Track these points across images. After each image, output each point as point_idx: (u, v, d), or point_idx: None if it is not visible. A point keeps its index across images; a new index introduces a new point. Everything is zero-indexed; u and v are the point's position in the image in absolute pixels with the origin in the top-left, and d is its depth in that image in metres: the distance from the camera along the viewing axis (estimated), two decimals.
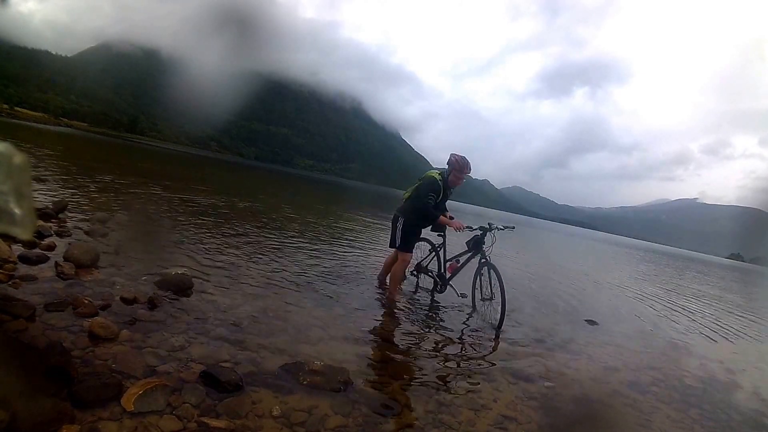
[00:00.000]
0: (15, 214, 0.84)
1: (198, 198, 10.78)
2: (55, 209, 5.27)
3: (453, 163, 4.71)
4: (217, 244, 5.71)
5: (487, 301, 4.75)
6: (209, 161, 57.41)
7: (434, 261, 5.33)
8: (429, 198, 4.67)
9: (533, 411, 2.85)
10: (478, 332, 4.30)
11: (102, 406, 1.93)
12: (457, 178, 4.76)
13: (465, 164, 4.70)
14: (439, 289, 5.19)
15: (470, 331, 4.28)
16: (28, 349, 2.18)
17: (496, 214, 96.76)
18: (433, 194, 4.68)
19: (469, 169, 4.74)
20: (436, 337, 3.94)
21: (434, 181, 4.71)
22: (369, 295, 4.75)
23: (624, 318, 6.63)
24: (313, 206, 16.49)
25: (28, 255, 3.48)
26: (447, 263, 5.13)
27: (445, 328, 4.22)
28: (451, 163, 4.72)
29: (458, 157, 4.70)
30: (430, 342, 3.77)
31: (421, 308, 4.77)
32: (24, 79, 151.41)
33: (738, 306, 11.37)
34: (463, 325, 4.46)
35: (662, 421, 3.11)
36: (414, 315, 4.44)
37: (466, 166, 4.71)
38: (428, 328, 4.13)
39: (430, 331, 4.08)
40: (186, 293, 3.54)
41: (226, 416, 2.08)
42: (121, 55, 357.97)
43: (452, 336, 4.04)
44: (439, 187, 4.71)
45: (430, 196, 4.67)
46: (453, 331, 4.17)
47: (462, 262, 5.06)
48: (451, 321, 4.49)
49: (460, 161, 4.68)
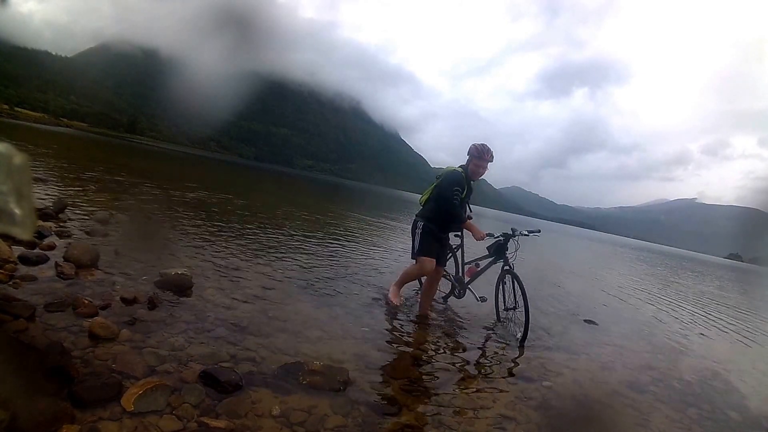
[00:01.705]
0: (15, 215, 0.85)
1: (197, 198, 10.79)
2: (55, 209, 5.27)
3: (472, 151, 4.24)
4: (218, 243, 5.71)
5: (511, 311, 4.45)
6: (209, 161, 57.40)
7: (451, 263, 4.96)
8: (454, 193, 4.15)
9: (532, 411, 2.85)
10: (479, 333, 4.31)
11: (102, 406, 1.93)
12: (477, 167, 4.23)
13: (485, 150, 4.21)
14: (458, 294, 4.89)
15: (470, 332, 4.28)
16: (29, 349, 2.18)
17: (495, 214, 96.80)
18: (458, 189, 4.17)
19: (490, 156, 4.24)
20: (436, 337, 3.95)
21: (456, 173, 4.25)
22: (369, 296, 4.74)
23: (623, 318, 6.64)
24: (314, 207, 16.49)
25: (28, 255, 3.48)
26: (466, 266, 4.82)
27: (444, 329, 4.23)
28: (471, 151, 4.26)
29: (478, 144, 4.25)
30: (430, 342, 3.77)
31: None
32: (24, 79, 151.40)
33: (737, 305, 11.38)
34: (463, 325, 4.46)
35: (661, 421, 3.12)
36: (414, 316, 4.43)
37: (487, 152, 4.22)
38: (428, 329, 4.13)
39: (430, 331, 4.09)
40: (186, 293, 3.54)
41: (226, 416, 2.08)
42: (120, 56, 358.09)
43: (452, 336, 4.05)
44: (462, 179, 4.21)
45: (455, 191, 4.15)
46: (453, 332, 4.18)
47: (482, 267, 4.72)
48: (452, 321, 4.50)
49: (479, 147, 4.21)
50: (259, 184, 28.84)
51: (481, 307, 4.89)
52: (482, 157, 4.22)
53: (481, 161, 4.23)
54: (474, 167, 4.25)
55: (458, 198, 4.19)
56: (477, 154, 4.22)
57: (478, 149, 4.22)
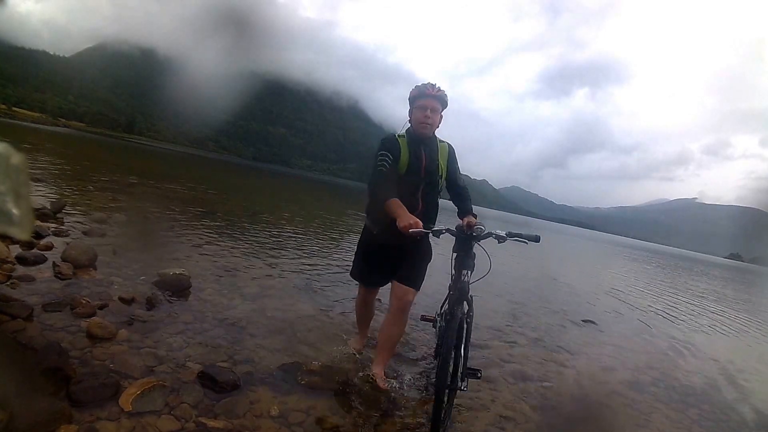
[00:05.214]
0: (13, 215, 0.84)
1: (196, 198, 10.77)
2: (53, 209, 5.26)
3: (410, 95, 2.70)
4: (216, 243, 5.70)
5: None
6: (207, 161, 57.36)
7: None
8: (378, 161, 2.58)
9: (532, 411, 2.85)
10: (481, 331, 4.31)
11: (100, 406, 1.93)
12: (419, 111, 2.62)
13: (425, 86, 2.63)
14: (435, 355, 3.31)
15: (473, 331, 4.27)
16: (26, 349, 2.18)
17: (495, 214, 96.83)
18: (384, 152, 2.59)
19: (435, 89, 2.60)
20: (436, 337, 3.94)
21: (387, 136, 2.75)
22: None
23: (622, 317, 6.64)
24: (314, 207, 16.48)
25: (26, 255, 3.47)
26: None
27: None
28: (409, 98, 2.72)
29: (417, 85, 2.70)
30: (430, 343, 3.77)
31: (421, 310, 4.76)
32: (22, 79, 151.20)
33: (738, 304, 11.40)
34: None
35: (661, 421, 3.12)
36: (414, 316, 4.42)
37: (430, 87, 2.61)
38: (427, 329, 4.12)
39: (430, 332, 4.08)
40: (184, 293, 3.54)
41: (224, 416, 2.08)
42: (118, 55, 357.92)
43: None
44: (392, 141, 2.66)
45: (380, 156, 2.59)
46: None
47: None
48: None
49: (418, 86, 2.66)
50: (259, 184, 28.82)
51: (483, 308, 4.88)
52: (422, 94, 2.62)
53: (422, 100, 2.62)
54: (415, 116, 2.65)
55: (385, 165, 2.57)
56: (415, 94, 2.65)
57: (416, 87, 2.66)
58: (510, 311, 5.22)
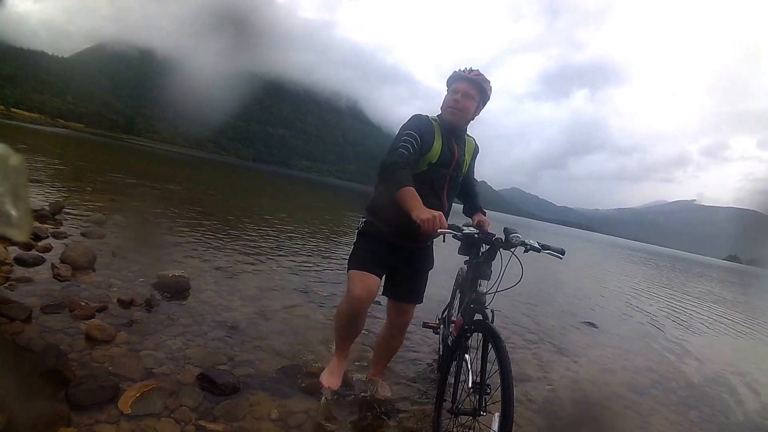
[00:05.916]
0: (11, 216, 0.83)
1: (195, 199, 10.76)
2: (52, 211, 5.24)
3: (447, 81, 2.34)
4: (215, 245, 5.69)
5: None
6: (206, 163, 57.33)
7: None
8: (402, 139, 2.15)
9: (532, 413, 2.84)
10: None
11: (99, 408, 1.91)
12: (453, 97, 2.25)
13: (464, 70, 2.26)
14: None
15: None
16: (25, 351, 2.16)
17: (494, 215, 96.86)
18: (410, 133, 2.16)
19: (474, 73, 2.23)
20: (436, 341, 3.93)
21: (418, 115, 2.31)
22: None
23: (623, 320, 6.64)
24: (314, 208, 16.46)
25: (24, 257, 3.45)
26: (456, 314, 2.96)
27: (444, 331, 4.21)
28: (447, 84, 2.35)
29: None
30: (429, 344, 3.76)
31: (421, 311, 4.75)
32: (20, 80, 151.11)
33: (737, 306, 11.41)
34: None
35: (661, 424, 3.11)
36: (414, 318, 4.41)
37: (468, 70, 2.25)
38: (427, 330, 4.11)
39: (430, 333, 4.07)
40: (183, 295, 3.52)
41: (224, 419, 2.06)
42: (117, 56, 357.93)
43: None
44: (424, 122, 2.26)
45: (404, 135, 2.16)
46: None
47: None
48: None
49: (456, 71, 2.30)
50: (258, 185, 28.80)
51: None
52: (457, 77, 2.26)
53: (455, 83, 2.26)
54: (446, 101, 2.30)
55: (408, 149, 2.11)
56: (451, 78, 2.31)
57: (454, 72, 2.30)
58: (509, 312, 5.21)
